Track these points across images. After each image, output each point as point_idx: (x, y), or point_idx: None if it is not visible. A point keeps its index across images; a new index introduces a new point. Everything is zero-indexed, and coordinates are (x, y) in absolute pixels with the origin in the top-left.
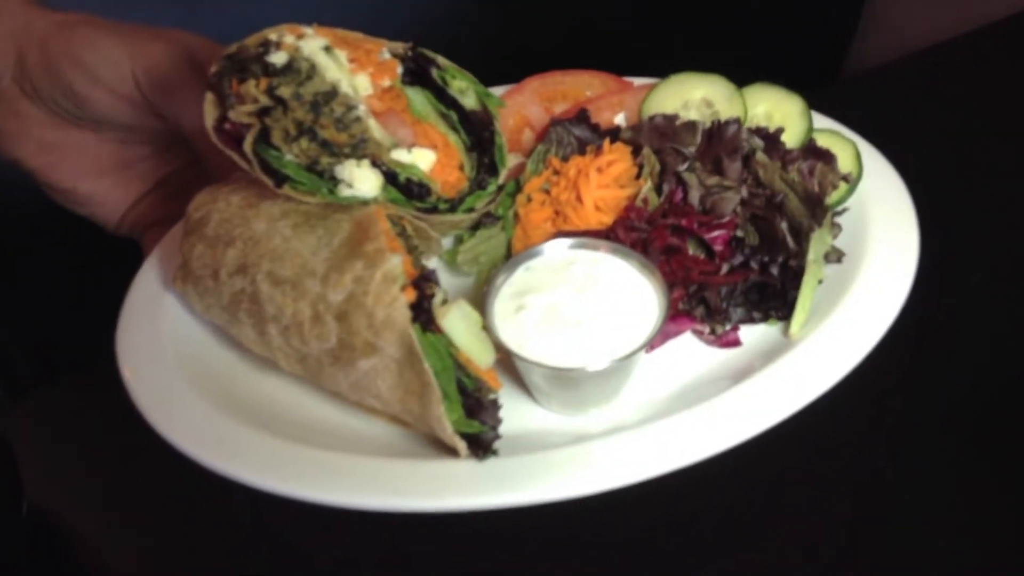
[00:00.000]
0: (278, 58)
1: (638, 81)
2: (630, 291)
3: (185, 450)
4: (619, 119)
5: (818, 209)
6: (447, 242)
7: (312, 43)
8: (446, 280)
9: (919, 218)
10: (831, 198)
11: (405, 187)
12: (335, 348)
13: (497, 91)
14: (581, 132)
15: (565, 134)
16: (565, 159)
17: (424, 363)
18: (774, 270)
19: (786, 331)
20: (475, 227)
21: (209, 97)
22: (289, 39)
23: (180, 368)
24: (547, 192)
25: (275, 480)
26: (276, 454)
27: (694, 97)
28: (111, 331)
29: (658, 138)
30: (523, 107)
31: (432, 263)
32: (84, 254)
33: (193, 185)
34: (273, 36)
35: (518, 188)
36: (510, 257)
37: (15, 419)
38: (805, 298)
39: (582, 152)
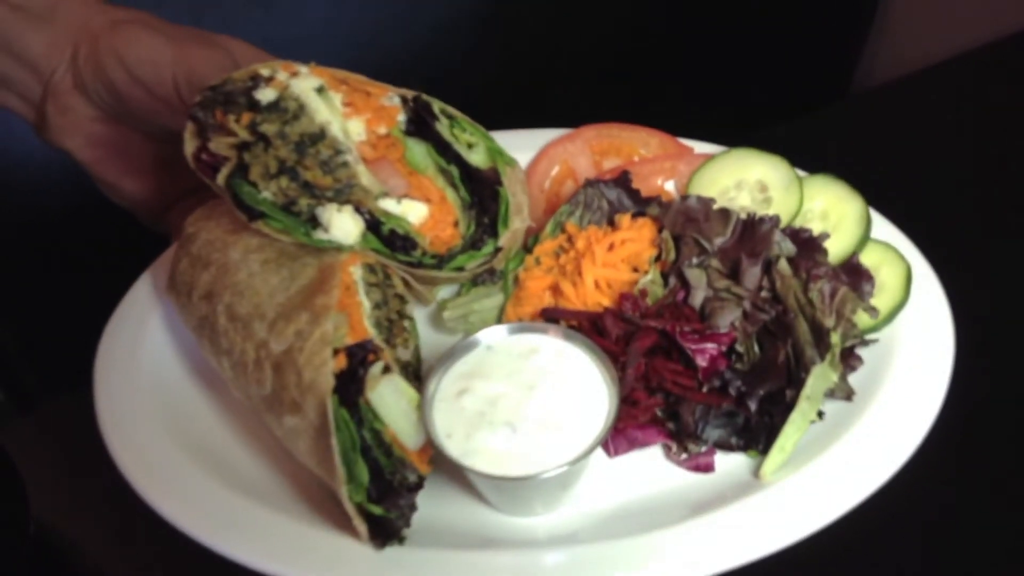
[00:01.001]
0: (265, 95)
1: (699, 147)
2: (583, 392)
3: (124, 472)
4: (669, 186)
5: (822, 342)
6: (447, 292)
7: (304, 83)
8: (431, 336)
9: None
10: (862, 323)
11: (387, 238)
12: (269, 397)
13: (544, 134)
14: (615, 196)
15: (596, 196)
16: (590, 224)
17: (332, 439)
18: (752, 403)
19: None
20: (475, 282)
21: (190, 126)
22: (281, 76)
23: (149, 383)
24: (557, 258)
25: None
26: (192, 492)
27: (749, 178)
28: None
29: (684, 222)
30: (572, 156)
31: (421, 315)
32: (92, 265)
33: None
34: (264, 72)
35: (533, 247)
36: (501, 322)
37: (18, 431)
38: (787, 438)
39: (611, 220)
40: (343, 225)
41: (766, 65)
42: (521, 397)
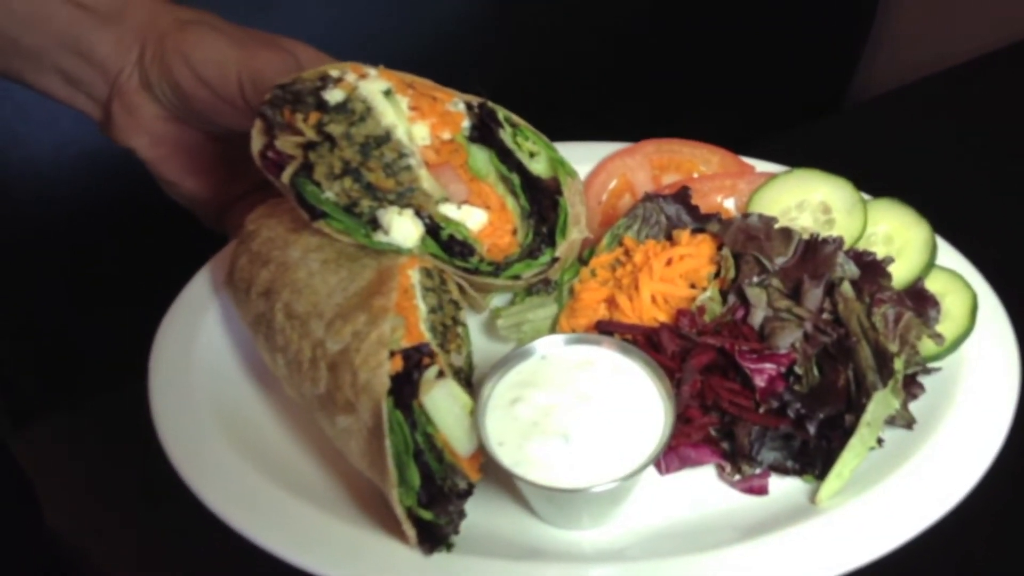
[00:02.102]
0: (333, 96)
1: (761, 165)
2: (638, 406)
3: (176, 464)
4: (728, 204)
5: (885, 368)
6: (500, 300)
7: (372, 85)
8: (483, 344)
9: None
10: (925, 351)
11: (446, 243)
12: (323, 396)
13: (604, 147)
14: (674, 212)
15: (655, 211)
16: (647, 239)
17: (386, 440)
18: (810, 427)
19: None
20: (529, 291)
21: (257, 123)
22: (350, 77)
23: (204, 377)
24: (613, 271)
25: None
26: (249, 488)
27: (812, 199)
28: (126, 353)
29: (745, 240)
30: (631, 171)
31: (474, 322)
32: (94, 272)
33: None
34: (334, 72)
35: (589, 258)
36: (554, 332)
37: (28, 442)
38: (844, 465)
39: (668, 235)
40: (403, 228)
41: (762, 78)
42: (575, 408)
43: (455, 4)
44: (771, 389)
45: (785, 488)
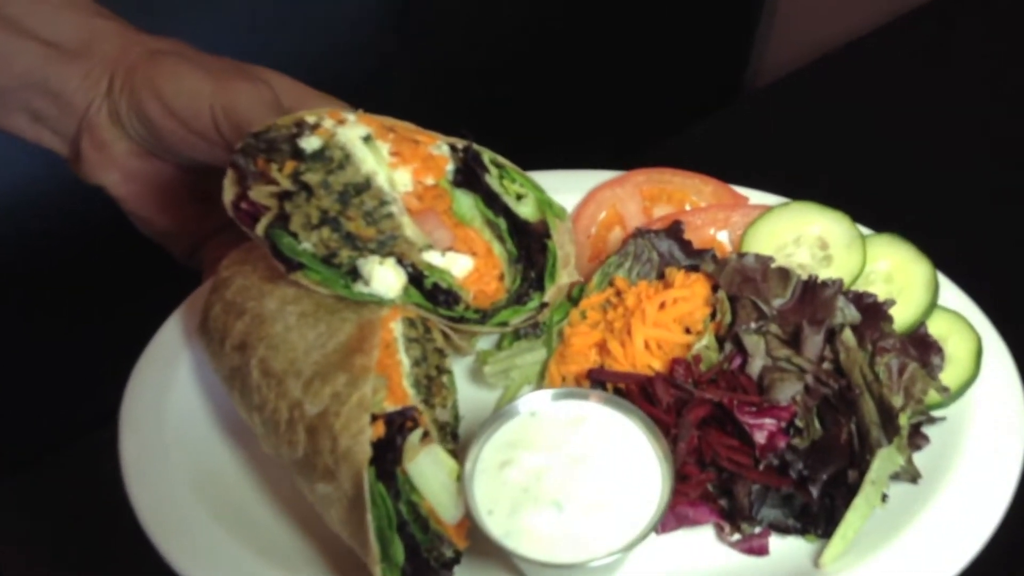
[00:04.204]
0: (309, 143)
1: (755, 196)
2: (634, 468)
3: (144, 525)
4: (722, 236)
5: (890, 424)
6: (487, 342)
7: (351, 131)
8: (469, 390)
9: None
10: (928, 399)
11: (430, 292)
12: (301, 460)
13: (592, 176)
14: (667, 248)
15: (647, 247)
16: (639, 277)
17: (367, 515)
18: (814, 489)
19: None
20: (517, 334)
21: (230, 173)
22: (328, 123)
23: (177, 434)
24: (605, 312)
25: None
26: (221, 555)
27: (809, 233)
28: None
29: (741, 282)
30: (620, 202)
31: (459, 366)
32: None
33: None
34: (310, 119)
35: (579, 298)
36: (544, 379)
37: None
38: (849, 526)
39: (661, 273)
40: (385, 279)
41: (653, 77)
42: (568, 472)
43: (349, 18)
44: (771, 446)
45: (787, 548)
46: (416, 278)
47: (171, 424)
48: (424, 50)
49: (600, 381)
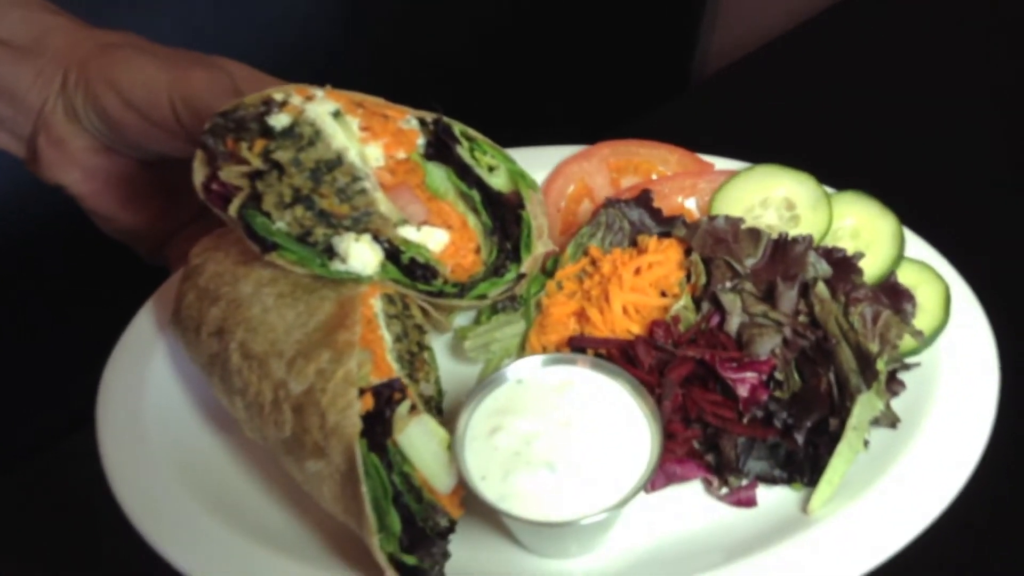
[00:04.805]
0: (278, 120)
1: (720, 163)
2: (622, 428)
3: (131, 517)
4: (689, 204)
5: (868, 370)
6: (464, 318)
7: (320, 107)
8: (449, 365)
9: None
10: (902, 346)
11: (407, 267)
12: (288, 440)
13: (559, 151)
14: (637, 217)
15: (618, 217)
16: (612, 246)
17: (362, 487)
18: (799, 436)
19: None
20: (494, 308)
21: (199, 154)
22: (296, 100)
23: (155, 426)
24: (580, 282)
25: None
26: (211, 540)
27: (775, 195)
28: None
29: (713, 244)
30: (588, 175)
31: (439, 342)
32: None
33: None
34: (278, 96)
35: (554, 270)
36: (524, 351)
37: None
38: (834, 471)
39: (633, 241)
40: (361, 255)
41: (601, 68)
42: (558, 435)
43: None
44: (754, 398)
45: (774, 498)
46: (393, 254)
47: (149, 416)
48: (378, 40)
49: (581, 348)
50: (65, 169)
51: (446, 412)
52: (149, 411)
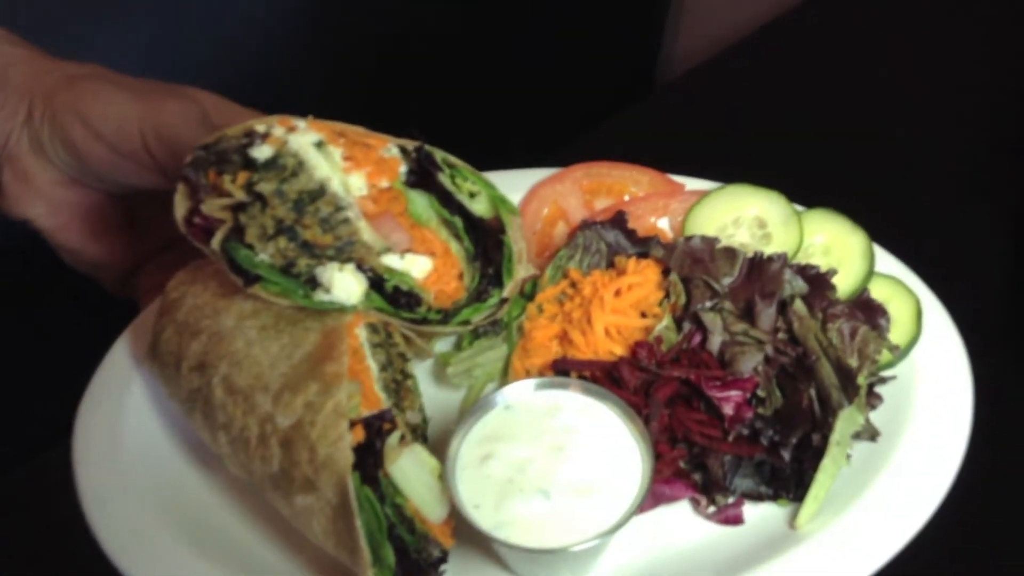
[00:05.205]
0: (261, 152)
1: (691, 183)
2: (613, 451)
3: (108, 552)
4: (662, 224)
5: (850, 385)
6: (446, 343)
7: (303, 138)
8: (432, 392)
9: None
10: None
11: (391, 295)
12: (276, 475)
13: (533, 174)
14: (613, 238)
15: (595, 239)
16: (590, 268)
17: (356, 520)
18: (785, 453)
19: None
20: (476, 333)
21: (180, 187)
22: (278, 132)
23: (134, 462)
24: (561, 304)
25: None
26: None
27: (747, 214)
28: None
29: (691, 264)
30: (562, 197)
31: (421, 368)
32: None
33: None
34: (260, 128)
35: (533, 294)
36: (507, 375)
37: None
38: (820, 487)
39: (611, 263)
40: (345, 285)
41: (566, 74)
42: (551, 460)
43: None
44: (739, 416)
45: (760, 515)
46: (376, 282)
47: (128, 453)
48: (343, 54)
49: (565, 371)
50: (31, 203)
51: (431, 439)
52: (127, 449)
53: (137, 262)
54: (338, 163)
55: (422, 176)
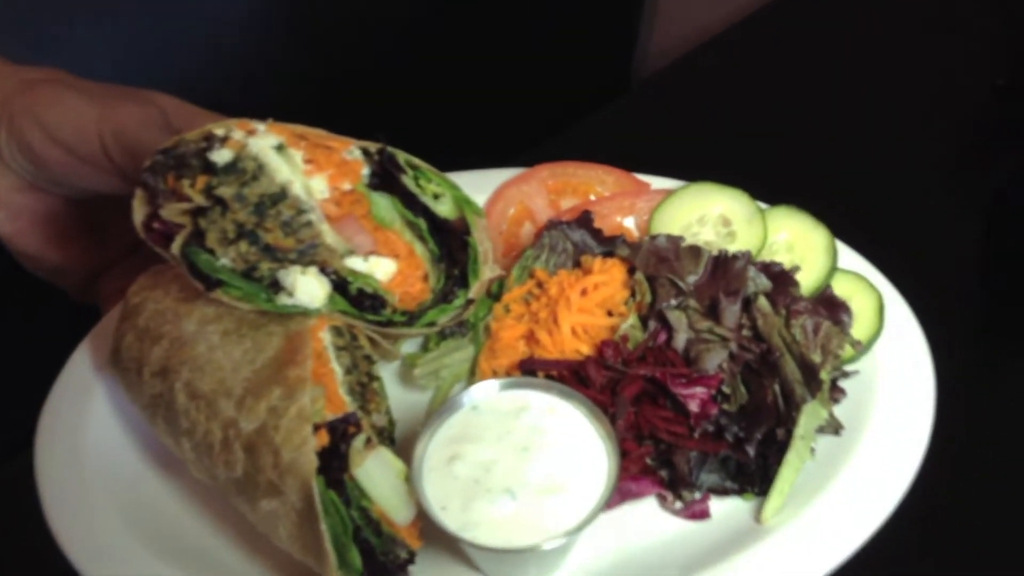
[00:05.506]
0: (220, 156)
1: (656, 182)
2: (579, 450)
3: (75, 562)
4: (628, 223)
5: (813, 381)
6: (412, 345)
7: (262, 141)
8: (398, 394)
9: None
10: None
11: (355, 298)
12: (241, 480)
13: (499, 174)
14: (579, 238)
15: (561, 239)
16: (556, 268)
17: (321, 524)
18: (750, 448)
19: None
20: (442, 335)
21: (139, 193)
22: (237, 135)
23: (97, 470)
24: (528, 304)
25: None
26: None
27: (711, 212)
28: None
29: (656, 263)
30: (528, 197)
31: (387, 370)
32: None
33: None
34: (219, 131)
35: (499, 294)
36: (474, 375)
37: None
38: (784, 480)
39: (577, 262)
40: (308, 288)
41: (541, 71)
42: (517, 460)
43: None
44: (705, 413)
45: (726, 510)
46: (340, 285)
47: (91, 459)
48: (310, 53)
49: (532, 371)
50: None
51: (398, 441)
52: (90, 455)
53: (98, 268)
54: (299, 166)
55: (385, 178)
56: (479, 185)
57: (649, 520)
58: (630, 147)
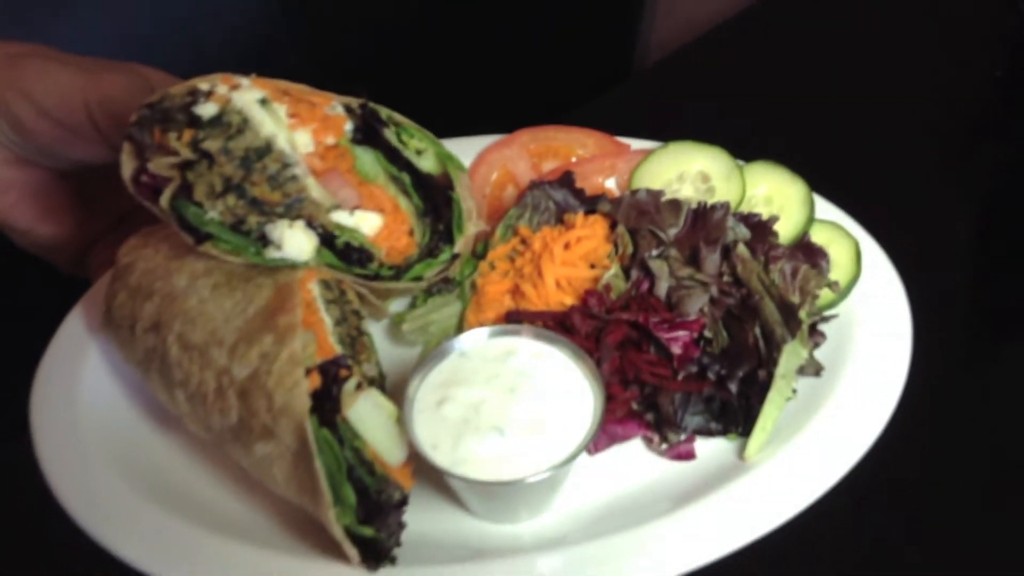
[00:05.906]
0: (206, 110)
1: (636, 144)
2: (565, 391)
3: (79, 520)
4: (609, 184)
5: (792, 320)
6: (400, 304)
7: (247, 95)
8: (388, 350)
9: None
10: (820, 300)
11: (343, 251)
12: (235, 426)
13: (482, 141)
14: (562, 197)
15: (543, 198)
16: (539, 226)
17: (316, 462)
18: (732, 386)
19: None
20: (429, 292)
21: (127, 147)
22: (222, 89)
23: (94, 429)
24: (512, 261)
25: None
26: (165, 534)
27: (690, 170)
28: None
29: (637, 216)
30: (510, 161)
31: (376, 328)
32: None
33: (154, 223)
34: (203, 86)
35: (484, 252)
36: (462, 330)
37: None
38: (767, 418)
39: (560, 220)
40: (296, 241)
41: (543, 58)
42: (505, 400)
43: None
44: (688, 355)
45: (712, 450)
46: (327, 239)
47: (87, 419)
48: (308, 30)
49: (518, 322)
50: None
51: (388, 392)
52: (86, 416)
53: (88, 240)
54: (283, 120)
55: (368, 133)
56: (461, 151)
57: (636, 462)
58: (629, 134)
